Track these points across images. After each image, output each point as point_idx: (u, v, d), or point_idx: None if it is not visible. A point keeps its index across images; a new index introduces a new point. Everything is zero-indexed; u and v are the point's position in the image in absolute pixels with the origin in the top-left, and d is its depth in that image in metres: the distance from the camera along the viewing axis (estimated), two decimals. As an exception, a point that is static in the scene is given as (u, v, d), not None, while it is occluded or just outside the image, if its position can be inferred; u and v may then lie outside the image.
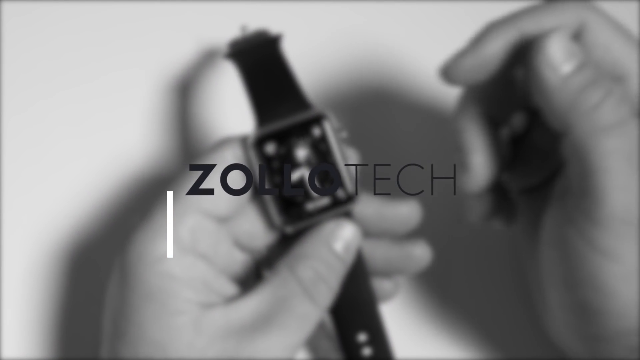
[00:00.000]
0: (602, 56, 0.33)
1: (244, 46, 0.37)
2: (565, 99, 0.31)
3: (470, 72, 0.33)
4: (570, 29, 0.33)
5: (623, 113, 0.31)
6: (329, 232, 0.34)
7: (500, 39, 0.33)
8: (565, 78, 0.31)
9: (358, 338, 0.35)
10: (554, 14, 0.33)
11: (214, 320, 0.32)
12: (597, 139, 0.31)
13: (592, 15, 0.33)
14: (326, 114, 0.34)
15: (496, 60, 0.33)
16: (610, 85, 0.32)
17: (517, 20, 0.33)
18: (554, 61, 0.31)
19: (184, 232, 0.33)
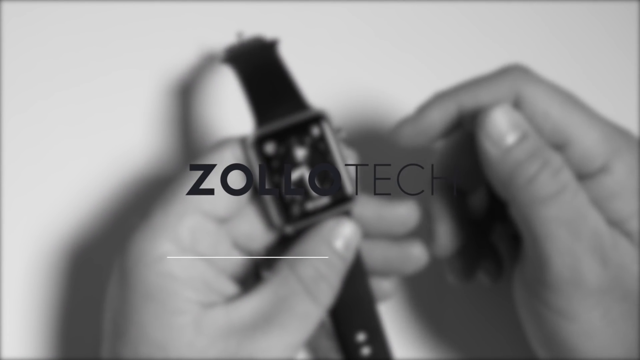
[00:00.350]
0: (541, 124, 0.34)
1: (241, 51, 0.37)
2: (505, 172, 0.33)
3: (412, 137, 0.36)
4: (508, 102, 0.34)
5: (559, 183, 0.33)
6: (329, 230, 0.34)
7: (438, 111, 0.35)
8: (504, 152, 0.33)
9: (357, 338, 0.35)
10: (490, 88, 0.35)
11: (215, 319, 0.32)
12: (536, 209, 0.33)
13: (528, 86, 0.34)
14: (325, 114, 0.34)
15: (434, 129, 0.36)
16: (548, 156, 0.33)
17: (456, 94, 0.35)
18: (493, 135, 0.33)
19: (183, 232, 0.33)
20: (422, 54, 0.49)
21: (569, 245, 0.33)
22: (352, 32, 0.49)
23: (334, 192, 0.34)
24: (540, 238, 0.33)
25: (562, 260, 0.33)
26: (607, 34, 0.50)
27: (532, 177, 0.33)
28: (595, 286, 0.33)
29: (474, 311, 0.43)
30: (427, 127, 0.36)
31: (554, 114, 0.34)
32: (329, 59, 0.48)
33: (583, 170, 0.34)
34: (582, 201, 0.33)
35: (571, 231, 0.33)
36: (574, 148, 0.34)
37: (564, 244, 0.33)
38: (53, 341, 0.42)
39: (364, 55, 0.48)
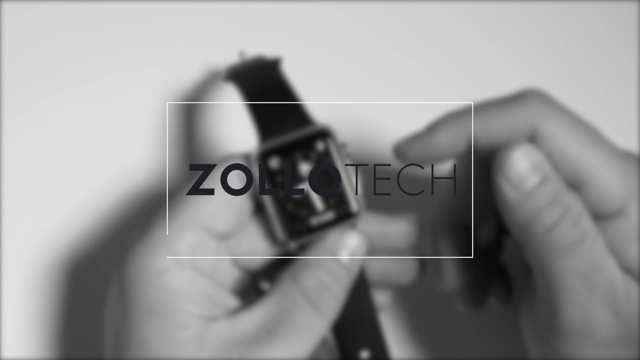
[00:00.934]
0: (558, 163, 0.33)
1: (243, 69, 0.37)
2: (524, 217, 0.32)
3: (418, 156, 0.35)
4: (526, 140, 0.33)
5: (578, 233, 0.32)
6: (334, 241, 0.34)
7: (448, 134, 0.34)
8: (524, 196, 0.32)
9: (360, 355, 0.35)
10: (505, 119, 0.33)
11: (218, 333, 0.31)
12: (552, 259, 0.32)
13: (546, 120, 0.33)
14: (330, 129, 0.34)
15: (442, 152, 0.35)
16: (568, 203, 0.32)
17: (468, 119, 0.34)
18: (512, 178, 0.32)
19: (183, 247, 0.32)
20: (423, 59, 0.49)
21: (583, 297, 0.32)
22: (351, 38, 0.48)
23: (338, 207, 0.34)
24: (553, 286, 0.32)
25: (574, 311, 0.32)
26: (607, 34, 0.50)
27: (552, 226, 0.32)
28: (605, 338, 0.32)
29: (475, 322, 0.43)
30: (434, 149, 0.35)
31: (571, 153, 0.33)
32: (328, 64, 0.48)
33: (598, 212, 0.33)
34: (600, 251, 0.32)
35: (586, 283, 0.32)
36: (591, 189, 0.33)
37: (577, 295, 0.32)
38: (54, 345, 0.42)
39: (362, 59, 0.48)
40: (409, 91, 0.48)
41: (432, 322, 0.43)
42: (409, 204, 0.45)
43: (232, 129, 0.46)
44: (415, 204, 0.45)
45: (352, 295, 0.34)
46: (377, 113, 0.47)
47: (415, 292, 0.43)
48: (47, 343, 0.42)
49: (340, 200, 0.34)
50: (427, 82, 0.48)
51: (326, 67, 0.48)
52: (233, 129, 0.46)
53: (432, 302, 0.43)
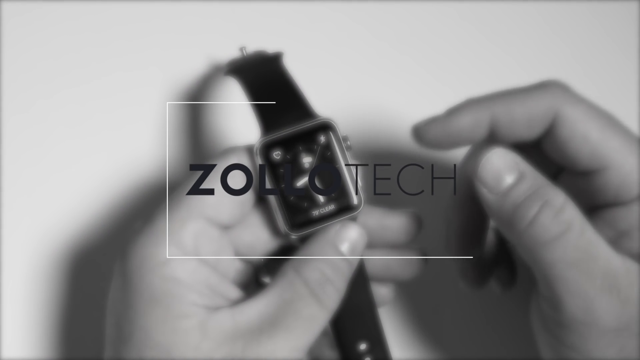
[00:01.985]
0: (579, 147, 0.33)
1: (245, 63, 0.37)
2: (505, 217, 0.32)
3: (438, 139, 0.35)
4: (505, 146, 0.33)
5: (562, 224, 0.31)
6: (335, 233, 0.34)
7: (469, 117, 0.34)
8: (501, 197, 0.32)
9: (359, 347, 0.35)
10: (527, 103, 0.34)
11: (220, 323, 0.31)
12: (540, 252, 0.32)
13: (567, 106, 0.33)
14: (332, 122, 0.34)
15: (463, 135, 0.35)
16: (548, 195, 0.32)
17: (490, 102, 0.34)
18: (488, 182, 0.32)
19: (186, 237, 0.33)
20: (421, 55, 0.49)
21: (581, 287, 0.31)
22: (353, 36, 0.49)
23: (339, 199, 0.34)
24: (549, 280, 0.32)
25: (574, 302, 0.32)
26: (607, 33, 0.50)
27: (532, 219, 0.31)
28: (611, 326, 0.32)
29: (474, 316, 0.43)
30: (455, 131, 0.35)
31: (593, 138, 0.33)
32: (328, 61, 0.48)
33: (620, 196, 0.33)
34: (590, 240, 0.32)
35: (581, 272, 0.31)
36: (612, 174, 0.33)
37: (574, 285, 0.31)
38: (55, 345, 0.41)
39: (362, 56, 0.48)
40: (409, 91, 0.48)
41: (431, 317, 0.43)
42: (409, 204, 0.45)
43: (235, 123, 0.46)
44: (415, 204, 0.45)
45: (352, 288, 0.34)
46: (377, 112, 0.47)
47: (416, 286, 0.43)
48: (49, 335, 0.41)
49: (341, 193, 0.34)
50: (427, 82, 0.48)
51: (327, 66, 0.48)
52: (235, 123, 0.46)
53: (432, 297, 0.43)
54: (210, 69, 0.47)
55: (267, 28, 0.48)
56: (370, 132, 0.46)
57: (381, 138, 0.46)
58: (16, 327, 0.41)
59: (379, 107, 0.47)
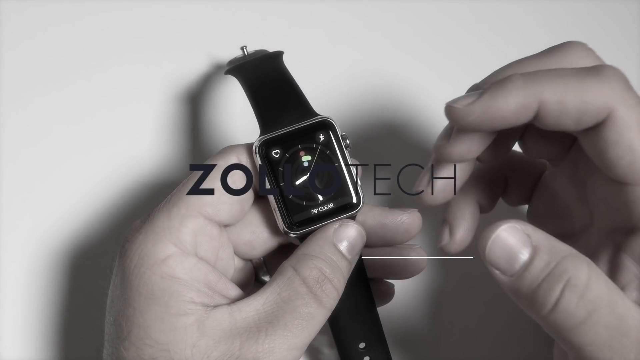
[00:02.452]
0: (620, 155, 0.30)
1: (245, 62, 0.37)
2: (523, 300, 0.29)
3: (477, 120, 0.31)
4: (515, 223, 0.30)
5: (588, 306, 0.28)
6: (334, 232, 0.34)
7: (517, 100, 0.30)
8: (515, 279, 0.29)
9: (358, 346, 0.35)
10: (582, 94, 0.30)
11: (219, 321, 0.32)
12: (569, 338, 0.29)
13: (623, 108, 0.30)
14: (331, 121, 0.34)
15: (506, 117, 0.31)
16: (569, 272, 0.28)
17: (540, 84, 0.30)
18: (498, 264, 0.29)
19: (186, 235, 0.33)
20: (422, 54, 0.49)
21: (613, 355, 0.28)
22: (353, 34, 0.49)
23: (338, 198, 0.34)
24: (579, 357, 0.29)
25: None
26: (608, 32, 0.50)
27: (554, 304, 0.28)
28: None
29: (474, 316, 0.43)
30: (498, 115, 0.31)
31: (638, 150, 0.30)
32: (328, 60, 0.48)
33: None
34: (620, 315, 0.28)
35: (614, 351, 0.28)
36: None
37: (606, 355, 0.28)
38: (54, 342, 0.41)
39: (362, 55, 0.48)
40: (410, 91, 0.48)
41: (430, 316, 0.43)
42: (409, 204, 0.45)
43: (235, 121, 0.46)
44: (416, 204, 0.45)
45: (351, 287, 0.34)
46: (377, 112, 0.47)
47: (415, 285, 0.43)
48: (48, 333, 0.41)
49: (341, 191, 0.34)
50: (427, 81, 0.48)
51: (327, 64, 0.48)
52: (235, 121, 0.46)
53: (432, 296, 0.43)
54: (211, 67, 0.47)
55: (268, 27, 0.48)
56: (370, 132, 0.46)
57: (381, 138, 0.46)
58: (15, 325, 0.41)
59: (378, 106, 0.47)
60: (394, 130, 0.46)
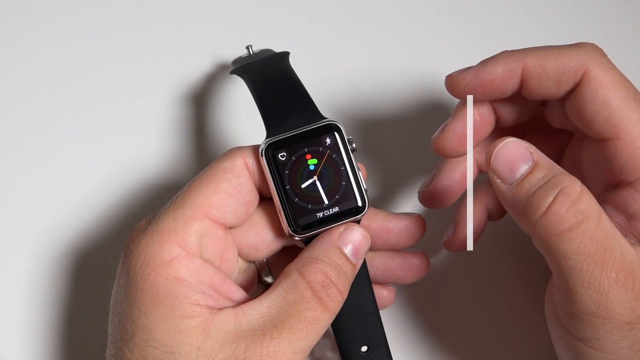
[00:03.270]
0: (597, 111, 0.33)
1: (251, 62, 0.37)
2: (519, 206, 0.31)
3: (470, 86, 0.35)
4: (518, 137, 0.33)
5: (578, 213, 0.30)
6: (339, 235, 0.34)
7: (503, 66, 0.35)
8: (514, 186, 0.32)
9: (360, 350, 0.35)
10: (559, 58, 0.34)
11: (224, 323, 0.31)
12: (556, 243, 0.31)
13: (597, 68, 0.34)
14: (338, 124, 0.34)
15: (495, 85, 0.35)
16: (563, 182, 0.31)
17: (524, 54, 0.35)
18: (500, 172, 0.32)
19: (191, 237, 0.33)
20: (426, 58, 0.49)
21: (595, 279, 0.30)
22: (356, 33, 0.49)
23: (344, 201, 0.34)
24: (563, 271, 0.31)
25: (588, 294, 0.31)
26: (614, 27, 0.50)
27: (546, 207, 0.30)
28: (624, 319, 0.31)
29: (476, 320, 0.43)
30: (488, 81, 0.35)
31: (613, 104, 0.33)
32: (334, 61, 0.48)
33: (625, 173, 0.33)
34: (606, 231, 0.31)
35: (597, 264, 0.30)
36: (622, 145, 0.33)
37: (589, 277, 0.30)
38: (57, 343, 0.41)
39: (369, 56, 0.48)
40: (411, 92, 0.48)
41: (432, 320, 0.43)
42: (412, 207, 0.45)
43: (240, 122, 0.46)
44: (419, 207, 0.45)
45: (354, 291, 0.34)
46: (377, 112, 0.47)
47: (417, 289, 0.43)
48: (52, 333, 0.41)
49: (346, 195, 0.34)
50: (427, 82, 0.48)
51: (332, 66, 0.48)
52: (241, 122, 0.46)
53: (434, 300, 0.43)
54: (216, 67, 0.47)
55: (274, 27, 0.48)
56: (374, 134, 0.46)
57: (384, 140, 0.46)
58: (18, 325, 0.41)
59: (382, 108, 0.47)
60: (400, 133, 0.46)
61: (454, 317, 0.42)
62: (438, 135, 0.37)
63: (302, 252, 0.34)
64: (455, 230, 0.39)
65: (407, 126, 0.47)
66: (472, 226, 0.38)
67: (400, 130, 0.47)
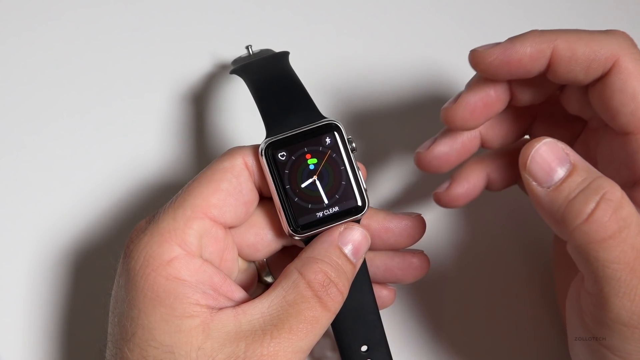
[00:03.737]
0: (624, 102, 0.32)
1: (251, 62, 0.37)
2: (557, 212, 0.30)
3: (496, 63, 0.34)
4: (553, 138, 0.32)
5: (620, 221, 0.29)
6: (339, 235, 0.34)
7: (532, 46, 0.33)
8: (551, 191, 0.30)
9: (360, 349, 0.35)
10: (590, 43, 0.33)
11: (224, 323, 0.31)
12: (595, 251, 0.30)
13: (628, 58, 0.32)
14: (338, 123, 0.34)
15: (523, 64, 0.34)
16: (605, 188, 0.30)
17: (554, 36, 0.33)
18: (539, 176, 0.31)
19: (191, 237, 0.32)
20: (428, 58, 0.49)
21: (632, 289, 0.30)
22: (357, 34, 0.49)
23: (344, 201, 0.34)
24: (599, 279, 0.30)
25: (622, 303, 0.30)
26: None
27: (588, 215, 0.29)
28: None
29: (476, 319, 0.43)
30: (515, 59, 0.33)
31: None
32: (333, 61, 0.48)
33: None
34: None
35: (634, 274, 0.29)
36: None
37: (625, 287, 0.30)
38: (57, 343, 0.41)
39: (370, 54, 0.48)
40: (412, 92, 0.48)
41: (432, 319, 0.43)
42: (413, 207, 0.45)
43: (240, 122, 0.46)
44: (419, 207, 0.45)
45: (354, 290, 0.34)
46: (377, 111, 0.47)
47: (417, 289, 0.43)
48: (52, 333, 0.41)
49: (346, 194, 0.34)
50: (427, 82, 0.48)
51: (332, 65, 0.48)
52: (241, 122, 0.46)
53: (434, 300, 0.43)
54: (216, 67, 0.47)
55: (274, 26, 0.48)
56: (374, 134, 0.46)
57: (385, 141, 0.46)
58: (18, 325, 0.41)
59: (382, 108, 0.47)
60: (399, 133, 0.46)
61: (454, 317, 0.42)
62: (449, 106, 0.36)
63: (302, 251, 0.34)
64: (450, 186, 0.39)
65: (407, 126, 0.46)
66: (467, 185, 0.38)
67: (400, 129, 0.46)
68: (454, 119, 0.36)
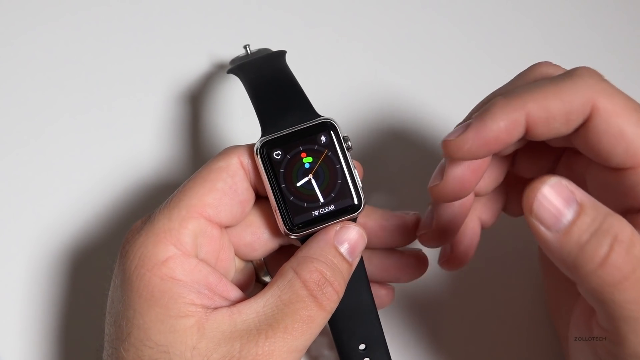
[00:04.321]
0: (614, 142, 0.31)
1: (248, 62, 0.37)
2: (569, 257, 0.29)
3: (473, 148, 0.32)
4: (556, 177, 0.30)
5: (634, 260, 0.28)
6: (335, 234, 0.34)
7: (504, 120, 0.31)
8: (561, 235, 0.29)
9: (358, 348, 0.35)
10: (562, 97, 0.31)
11: (219, 323, 0.31)
12: (610, 294, 0.28)
13: (603, 98, 0.31)
14: (333, 122, 0.34)
15: (500, 140, 0.32)
16: (615, 227, 0.28)
17: (524, 102, 0.31)
18: (546, 220, 0.29)
19: (186, 237, 0.32)
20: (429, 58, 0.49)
21: None
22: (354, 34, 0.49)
23: (340, 200, 0.34)
24: (616, 319, 0.29)
25: (638, 341, 0.29)
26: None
27: (603, 259, 0.28)
28: None
29: (474, 318, 0.43)
30: (492, 138, 0.31)
31: (629, 133, 0.31)
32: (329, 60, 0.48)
33: None
34: None
35: None
36: None
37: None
38: (53, 343, 0.41)
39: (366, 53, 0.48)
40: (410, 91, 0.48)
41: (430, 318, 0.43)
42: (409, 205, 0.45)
43: (236, 121, 0.46)
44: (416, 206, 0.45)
45: (351, 289, 0.34)
46: (379, 113, 0.47)
47: (415, 288, 0.43)
48: (48, 334, 0.41)
49: (342, 193, 0.34)
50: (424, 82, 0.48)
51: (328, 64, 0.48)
52: (237, 121, 0.46)
53: (432, 299, 0.43)
54: (213, 66, 0.47)
55: (272, 26, 0.48)
56: (370, 133, 0.46)
57: (381, 139, 0.46)
58: (15, 325, 0.41)
59: (381, 108, 0.47)
60: (395, 131, 0.46)
61: (453, 316, 0.42)
62: (437, 184, 0.34)
63: (298, 250, 0.34)
64: (453, 248, 0.38)
65: (403, 124, 0.46)
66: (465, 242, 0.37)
67: (396, 128, 0.46)
68: (445, 195, 0.34)
